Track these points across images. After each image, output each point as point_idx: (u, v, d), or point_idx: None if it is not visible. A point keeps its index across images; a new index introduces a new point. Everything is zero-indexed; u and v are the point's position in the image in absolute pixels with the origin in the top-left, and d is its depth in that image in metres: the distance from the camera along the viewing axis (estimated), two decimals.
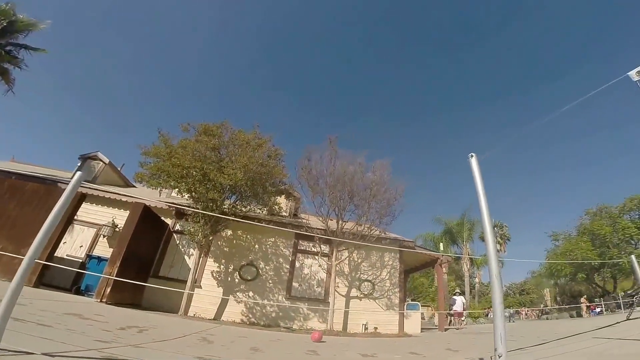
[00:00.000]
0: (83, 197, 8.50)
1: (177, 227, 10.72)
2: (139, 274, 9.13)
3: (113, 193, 9.91)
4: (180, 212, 9.99)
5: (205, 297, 9.67)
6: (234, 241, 10.68)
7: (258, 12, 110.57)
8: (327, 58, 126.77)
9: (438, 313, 11.90)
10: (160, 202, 10.25)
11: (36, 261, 5.69)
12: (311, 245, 10.96)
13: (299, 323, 9.89)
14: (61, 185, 9.83)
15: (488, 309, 25.81)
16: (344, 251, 10.34)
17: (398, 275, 10.98)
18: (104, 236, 9.99)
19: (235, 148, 8.71)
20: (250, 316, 9.82)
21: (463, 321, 15.62)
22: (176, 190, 10.85)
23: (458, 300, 15.57)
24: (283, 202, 11.70)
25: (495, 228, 30.86)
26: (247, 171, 8.03)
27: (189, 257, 10.36)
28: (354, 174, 9.44)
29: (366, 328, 9.80)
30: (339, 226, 9.91)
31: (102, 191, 9.95)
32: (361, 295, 10.54)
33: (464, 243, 27.83)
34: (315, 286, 10.60)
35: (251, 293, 10.18)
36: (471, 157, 2.62)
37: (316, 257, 10.75)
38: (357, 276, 10.81)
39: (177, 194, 11.23)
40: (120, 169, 14.62)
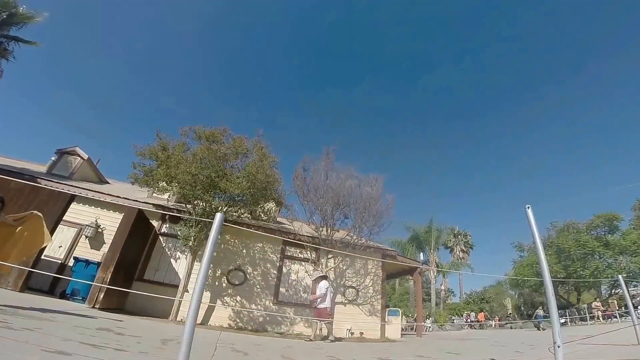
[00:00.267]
0: (72, 199, 8.15)
1: (164, 230, 10.53)
2: (126, 278, 8.93)
3: (107, 195, 9.55)
4: (175, 217, 9.80)
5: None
6: (222, 245, 10.67)
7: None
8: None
9: (413, 319, 12.56)
10: (148, 205, 10.03)
11: (21, 268, 5.54)
12: (298, 251, 11.22)
13: (286, 328, 10.13)
14: (41, 181, 9.35)
15: (453, 316, 27.34)
16: (331, 259, 10.71)
17: (380, 282, 11.55)
18: (87, 237, 9.61)
19: (239, 156, 8.76)
20: (237, 321, 9.90)
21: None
22: (168, 194, 10.72)
23: (322, 285, 8.10)
24: (273, 209, 11.84)
25: (459, 236, 32.84)
26: (254, 180, 8.13)
27: (176, 261, 10.22)
28: (351, 188, 9.84)
29: (352, 333, 10.24)
30: (329, 235, 10.27)
31: (96, 192, 9.59)
32: (346, 301, 10.97)
33: (431, 251, 29.15)
34: (301, 292, 10.87)
35: (239, 298, 10.25)
36: (527, 209, 2.79)
37: (303, 263, 11.03)
38: (342, 282, 11.23)
39: (167, 197, 11.06)
40: (96, 164, 13.95)
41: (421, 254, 25.62)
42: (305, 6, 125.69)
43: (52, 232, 7.82)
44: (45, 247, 7.41)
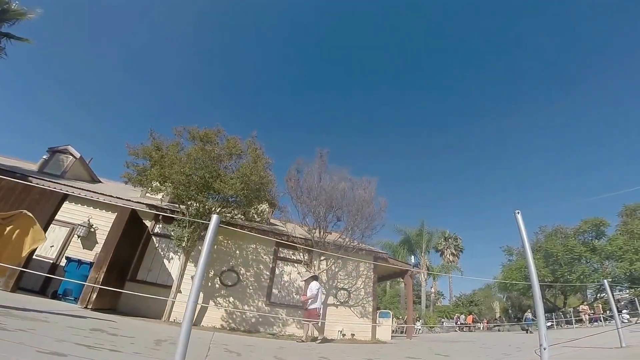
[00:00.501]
0: (64, 198, 8.12)
1: (157, 230, 10.51)
2: (119, 278, 8.91)
3: (100, 194, 9.50)
4: (168, 217, 9.79)
5: (185, 302, 9.58)
6: (215, 246, 10.68)
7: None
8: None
9: (403, 321, 12.69)
10: (142, 205, 10.01)
11: (12, 267, 5.56)
12: (291, 253, 11.28)
13: (278, 329, 10.17)
14: (33, 179, 9.27)
15: (443, 318, 27.54)
16: (324, 261, 10.78)
17: (372, 284, 11.66)
18: (79, 236, 9.56)
19: (233, 157, 8.80)
20: (230, 321, 9.92)
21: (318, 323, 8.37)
22: (161, 194, 10.70)
23: (313, 286, 8.15)
24: (266, 210, 11.89)
25: (449, 240, 33.15)
26: (248, 181, 8.18)
27: (169, 261, 10.21)
28: (344, 191, 9.93)
29: (343, 334, 10.33)
30: (322, 237, 10.34)
31: (89, 191, 9.54)
32: (337, 303, 11.05)
33: (422, 254, 29.36)
34: (294, 293, 10.92)
35: (232, 298, 10.27)
36: (517, 214, 2.84)
37: (295, 265, 11.09)
38: (334, 284, 11.31)
39: (161, 197, 11.04)
40: (88, 163, 13.87)
41: (412, 257, 25.84)
42: (299, 10, 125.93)
43: (44, 232, 7.82)
44: (36, 247, 7.47)
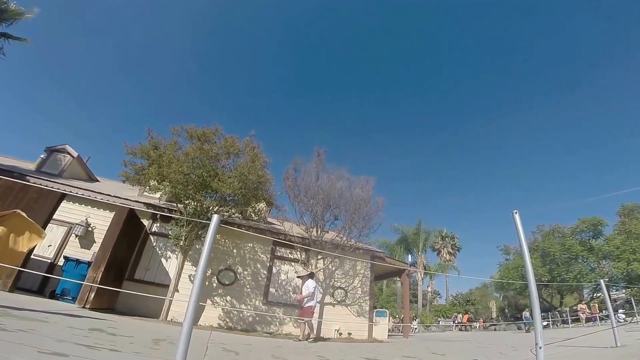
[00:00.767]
0: (63, 197, 8.13)
1: (154, 229, 10.53)
2: (116, 278, 8.94)
3: (98, 194, 9.51)
4: (166, 216, 9.80)
5: (182, 301, 9.63)
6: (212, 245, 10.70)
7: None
8: None
9: (400, 320, 12.76)
10: (139, 204, 10.03)
11: (11, 267, 5.58)
12: (288, 252, 11.33)
13: (275, 328, 10.23)
14: (30, 179, 9.27)
15: (439, 318, 27.69)
16: (321, 259, 10.84)
17: (369, 283, 11.73)
18: (77, 236, 9.57)
19: (231, 156, 8.83)
20: (227, 320, 9.97)
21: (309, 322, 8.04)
22: (159, 193, 10.71)
23: (310, 284, 8.13)
24: (264, 209, 11.93)
25: (446, 239, 33.27)
26: (246, 180, 8.21)
27: (166, 260, 10.24)
28: (342, 190, 9.98)
29: (340, 334, 10.40)
30: (319, 236, 10.39)
31: (87, 190, 9.55)
32: (334, 301, 11.12)
33: (419, 253, 29.44)
34: (291, 292, 10.97)
35: (229, 297, 10.31)
36: (515, 214, 2.85)
37: (293, 264, 11.14)
38: (331, 283, 11.38)
39: (159, 196, 11.05)
40: (86, 162, 13.85)
41: (409, 256, 25.94)
42: (296, 10, 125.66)
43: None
44: (35, 246, 7.47)
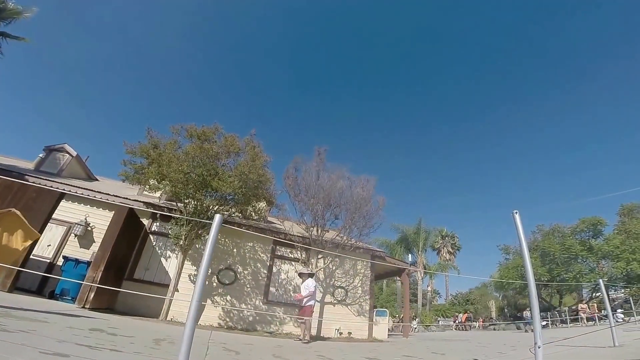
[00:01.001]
0: (62, 196, 8.09)
1: (154, 228, 10.50)
2: (116, 277, 8.91)
3: (97, 193, 9.48)
4: (165, 216, 9.76)
5: (182, 301, 9.60)
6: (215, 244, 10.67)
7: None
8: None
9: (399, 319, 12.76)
10: (139, 203, 9.99)
11: (10, 267, 5.53)
12: (288, 251, 11.31)
13: (275, 327, 10.22)
14: (29, 178, 9.23)
15: (439, 317, 27.72)
16: (321, 259, 10.83)
17: (369, 283, 11.72)
18: (76, 235, 9.53)
19: (231, 155, 8.81)
20: (227, 320, 9.95)
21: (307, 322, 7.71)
22: (159, 192, 10.67)
23: (310, 284, 7.97)
24: (264, 208, 11.90)
25: (446, 238, 33.30)
26: (246, 179, 8.18)
27: (166, 260, 10.21)
28: (342, 189, 9.97)
29: (340, 333, 10.39)
30: (320, 235, 10.38)
31: (86, 189, 9.52)
32: (335, 301, 11.10)
33: (419, 252, 29.43)
34: (291, 291, 10.95)
35: (229, 297, 10.29)
36: (515, 214, 2.86)
37: (293, 263, 11.12)
38: (332, 283, 11.36)
39: (159, 195, 11.02)
40: (85, 161, 13.81)
41: (409, 255, 25.93)
42: (297, 10, 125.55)
43: (42, 231, 7.76)
44: (34, 245, 7.43)
